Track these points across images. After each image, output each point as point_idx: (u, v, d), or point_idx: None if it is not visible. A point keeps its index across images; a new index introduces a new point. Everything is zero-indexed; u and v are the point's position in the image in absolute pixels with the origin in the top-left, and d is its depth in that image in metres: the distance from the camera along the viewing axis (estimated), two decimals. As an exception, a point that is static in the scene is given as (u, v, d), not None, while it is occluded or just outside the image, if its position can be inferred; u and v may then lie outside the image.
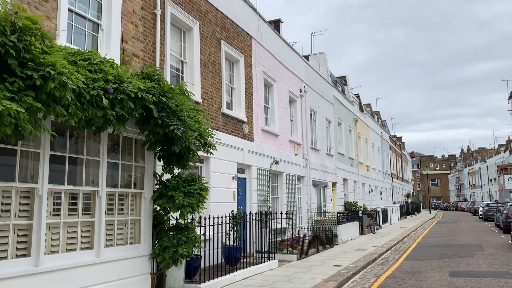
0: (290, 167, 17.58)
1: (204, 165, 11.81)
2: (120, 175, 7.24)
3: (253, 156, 14.38)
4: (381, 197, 38.13)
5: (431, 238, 21.69)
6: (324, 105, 23.36)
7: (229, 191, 12.72)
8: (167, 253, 7.41)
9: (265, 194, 15.13)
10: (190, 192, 7.49)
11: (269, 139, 15.92)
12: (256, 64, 15.30)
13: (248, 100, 14.46)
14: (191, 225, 7.98)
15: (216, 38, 12.66)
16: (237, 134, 13.49)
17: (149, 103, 6.45)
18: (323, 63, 25.76)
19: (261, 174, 14.94)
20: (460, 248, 16.97)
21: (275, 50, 17.13)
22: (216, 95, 12.41)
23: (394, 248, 17.60)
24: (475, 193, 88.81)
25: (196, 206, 7.48)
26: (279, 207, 16.77)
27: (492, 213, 36.36)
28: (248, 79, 14.53)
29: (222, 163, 12.35)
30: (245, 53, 14.45)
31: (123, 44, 8.89)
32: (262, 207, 14.78)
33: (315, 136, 21.60)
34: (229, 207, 12.33)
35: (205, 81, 11.90)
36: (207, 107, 11.88)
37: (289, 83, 18.55)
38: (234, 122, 13.36)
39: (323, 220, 19.37)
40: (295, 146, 18.56)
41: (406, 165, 65.85)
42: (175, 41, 11.13)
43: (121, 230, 7.26)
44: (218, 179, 12.07)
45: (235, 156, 13.14)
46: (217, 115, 12.36)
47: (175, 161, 8.06)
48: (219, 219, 10.52)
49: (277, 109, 16.91)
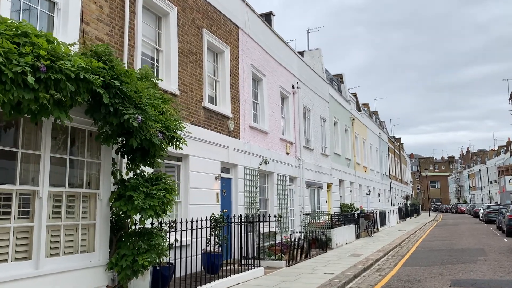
0: (281, 167, 16.57)
1: (182, 164, 10.80)
2: (68, 173, 6.21)
3: (239, 155, 13.37)
4: (379, 199, 37.10)
5: (431, 242, 20.67)
6: (318, 103, 22.35)
7: (212, 192, 11.70)
8: (124, 262, 6.40)
9: (253, 195, 14.11)
10: (153, 193, 6.47)
11: (257, 136, 14.91)
12: (244, 57, 14.30)
13: (234, 94, 13.46)
14: (157, 231, 6.95)
15: (197, 26, 11.66)
16: (221, 130, 12.49)
17: (97, 87, 5.44)
18: (318, 60, 24.76)
19: (248, 174, 13.92)
20: (461, 253, 15.95)
21: (265, 43, 16.13)
22: (197, 87, 11.41)
23: (391, 253, 16.58)
24: (475, 195, 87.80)
25: (160, 209, 6.46)
26: (269, 209, 15.75)
27: (494, 215, 35.35)
28: (234, 72, 13.52)
29: (204, 162, 11.34)
30: (231, 44, 13.45)
31: (83, 26, 7.88)
32: (250, 210, 13.77)
33: (309, 135, 20.59)
34: (211, 209, 11.31)
35: (184, 71, 10.90)
36: (186, 100, 10.87)
37: (281, 79, 17.55)
38: (218, 117, 12.35)
39: (317, 223, 18.37)
40: (287, 145, 17.54)
41: (405, 167, 64.84)
42: (149, 27, 10.13)
43: (71, 236, 6.23)
44: (198, 179, 11.05)
45: (218, 154, 12.13)
46: (197, 110, 11.35)
47: (139, 158, 7.05)
48: (198, 223, 9.50)
49: (267, 105, 15.91)
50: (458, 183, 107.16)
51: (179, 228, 9.00)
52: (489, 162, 76.76)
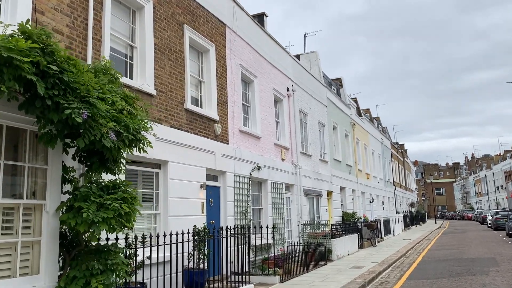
0: (275, 174, 15.54)
1: (161, 171, 9.80)
2: (2, 181, 5.22)
3: (228, 161, 12.36)
4: (383, 207, 35.91)
5: (438, 251, 19.51)
6: (316, 107, 21.37)
7: (196, 202, 10.68)
8: (74, 286, 5.38)
9: (244, 205, 13.08)
10: (107, 204, 5.47)
11: (248, 141, 13.91)
12: (232, 56, 13.37)
13: (222, 96, 12.49)
14: (115, 248, 5.93)
15: (177, 22, 10.73)
16: (207, 135, 11.50)
17: (29, 74, 4.48)
18: (315, 63, 23.82)
19: (239, 181, 12.91)
20: (471, 263, 14.81)
21: (256, 43, 15.20)
22: (178, 87, 10.45)
23: (396, 264, 15.46)
24: (482, 201, 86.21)
25: (116, 223, 5.45)
26: (263, 219, 14.70)
27: (503, 221, 34.09)
28: (221, 72, 12.57)
29: (186, 169, 10.34)
30: (217, 42, 12.52)
31: (36, 15, 6.95)
32: (241, 220, 12.73)
33: (306, 140, 19.58)
34: (195, 221, 10.29)
35: (162, 70, 9.95)
36: (165, 101, 9.91)
37: (274, 81, 16.60)
38: (203, 120, 11.38)
39: (316, 234, 17.29)
40: (282, 150, 16.53)
41: (409, 173, 63.57)
42: (120, 21, 9.21)
43: (7, 257, 5.23)
44: (180, 188, 10.04)
45: (204, 160, 11.14)
46: (178, 112, 10.38)
47: (96, 163, 6.07)
48: (178, 237, 8.49)
49: (259, 109, 14.93)
50: (464, 189, 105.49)
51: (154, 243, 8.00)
52: (495, 167, 75.35)
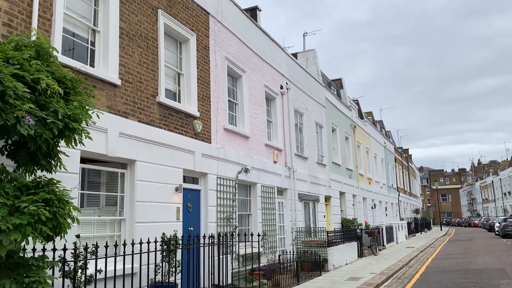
0: (266, 177, 14.38)
1: (127, 172, 8.67)
2: None
3: (210, 162, 11.23)
4: (387, 213, 34.59)
5: (443, 261, 18.23)
6: (313, 107, 20.22)
7: (170, 207, 9.54)
8: (-22, 312, 4.26)
9: (229, 210, 11.93)
10: (22, 207, 4.35)
11: (235, 141, 12.78)
12: (216, 48, 12.27)
13: (203, 90, 11.38)
14: (40, 262, 4.81)
15: (150, 6, 9.65)
16: (185, 132, 10.38)
17: None
18: (313, 61, 22.70)
19: (223, 184, 11.77)
20: (479, 274, 13.55)
21: (245, 35, 14.10)
22: (149, 78, 9.34)
23: (397, 275, 14.22)
24: (489, 207, 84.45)
25: (32, 231, 4.33)
26: (252, 226, 13.53)
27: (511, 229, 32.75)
28: (202, 64, 11.47)
29: (158, 169, 9.22)
30: (199, 32, 11.43)
31: (-37, -17, 5.89)
32: (224, 227, 11.58)
33: (302, 142, 18.41)
34: (169, 228, 9.15)
35: (129, 58, 8.85)
36: (132, 92, 8.80)
37: (266, 77, 15.48)
38: (180, 116, 10.26)
39: (312, 242, 16.09)
40: (274, 152, 15.38)
41: (414, 179, 62.14)
42: (79, 1, 8.13)
43: None
44: (150, 191, 8.91)
45: (180, 160, 10.01)
46: (149, 105, 9.27)
47: (23, 158, 5.00)
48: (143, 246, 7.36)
49: (248, 106, 13.80)
50: (470, 195, 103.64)
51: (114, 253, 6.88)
52: (502, 173, 73.71)
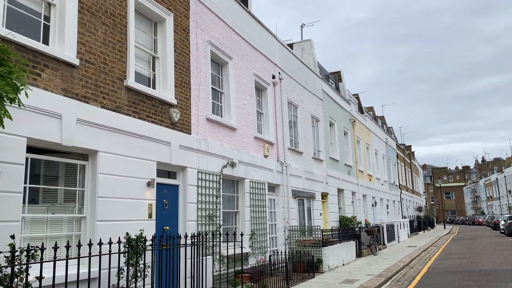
0: (255, 172, 13.39)
1: (89, 164, 7.70)
2: None
3: (190, 154, 10.25)
4: (388, 211, 33.53)
5: (446, 261, 17.19)
6: (309, 100, 19.21)
7: (140, 204, 8.56)
8: None
9: (212, 207, 10.94)
10: None
11: (220, 133, 11.79)
12: (198, 31, 11.28)
13: (182, 76, 10.40)
14: None
15: (118, -21, 8.67)
16: (160, 121, 9.40)
17: None
18: (309, 52, 21.68)
19: (205, 179, 10.78)
20: (485, 276, 12.52)
21: (232, 19, 13.11)
22: (116, 60, 8.36)
23: (396, 277, 13.21)
24: (493, 205, 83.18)
25: None
26: (239, 225, 12.56)
27: (517, 227, 31.70)
28: (181, 47, 10.48)
29: (126, 161, 8.24)
30: (177, 12, 10.43)
31: None
32: (206, 226, 10.61)
33: (297, 136, 17.41)
34: (139, 227, 8.18)
35: (91, 36, 7.87)
36: (94, 74, 7.82)
37: (256, 66, 14.48)
38: (154, 103, 9.28)
39: (306, 241, 15.09)
40: (265, 145, 14.38)
41: (417, 176, 60.99)
42: (29, -32, 7.17)
43: None
44: (115, 186, 7.93)
45: (153, 152, 9.03)
46: (115, 89, 8.28)
47: None
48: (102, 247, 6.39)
49: (235, 95, 12.81)
50: (474, 193, 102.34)
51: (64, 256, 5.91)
52: (506, 171, 72.50)
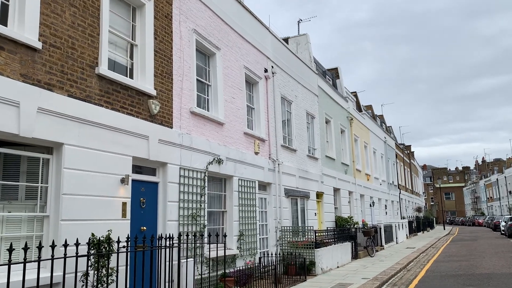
0: (245, 170, 12.71)
1: (53, 158, 7.02)
2: None
3: (171, 150, 9.57)
4: (386, 212, 32.86)
5: (445, 263, 16.52)
6: (304, 96, 18.53)
7: (113, 203, 7.87)
8: None
9: (196, 206, 10.26)
10: None
11: (205, 127, 11.11)
12: (183, 18, 10.60)
13: (163, 65, 9.71)
14: None
15: (90, -42, 7.98)
16: (136, 113, 8.72)
17: None
18: (305, 47, 20.98)
19: (188, 176, 10.10)
20: (487, 280, 11.84)
21: (220, 8, 12.42)
22: (86, 45, 7.68)
23: (392, 281, 12.53)
24: (493, 206, 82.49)
25: None
26: (227, 225, 11.88)
27: (518, 228, 31.03)
28: (163, 35, 9.80)
29: (95, 156, 7.56)
30: (158, -3, 9.76)
31: None
32: (189, 226, 9.92)
33: (290, 133, 16.74)
34: (111, 227, 7.50)
35: (57, 18, 7.19)
36: (60, 59, 7.13)
37: (247, 58, 13.79)
38: (130, 93, 8.60)
39: (299, 242, 14.43)
40: (256, 141, 13.70)
41: (416, 177, 60.30)
42: None
43: None
44: (83, 182, 7.25)
45: (128, 146, 8.35)
46: (85, 77, 7.60)
47: None
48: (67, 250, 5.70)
49: (223, 88, 12.13)
50: (474, 194, 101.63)
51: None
52: (507, 171, 71.79)
